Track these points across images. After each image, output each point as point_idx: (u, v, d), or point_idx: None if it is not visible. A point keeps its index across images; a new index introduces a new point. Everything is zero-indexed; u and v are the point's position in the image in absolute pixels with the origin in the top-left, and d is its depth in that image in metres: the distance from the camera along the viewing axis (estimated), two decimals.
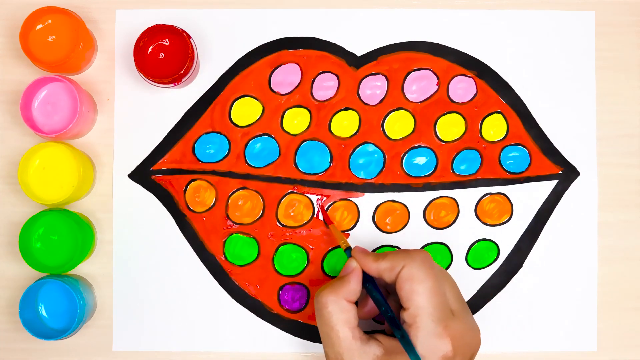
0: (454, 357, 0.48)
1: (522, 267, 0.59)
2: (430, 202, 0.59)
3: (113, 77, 0.60)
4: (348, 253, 0.54)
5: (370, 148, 0.59)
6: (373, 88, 0.60)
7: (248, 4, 0.60)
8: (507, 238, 0.60)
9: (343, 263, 0.59)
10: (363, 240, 0.59)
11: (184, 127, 0.59)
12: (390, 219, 0.59)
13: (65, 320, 0.57)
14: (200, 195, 0.59)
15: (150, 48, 0.57)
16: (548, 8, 0.60)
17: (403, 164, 0.59)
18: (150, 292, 0.59)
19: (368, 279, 0.52)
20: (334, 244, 0.59)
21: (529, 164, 0.59)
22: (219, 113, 0.59)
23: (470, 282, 0.59)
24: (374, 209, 0.59)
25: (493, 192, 0.59)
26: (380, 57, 0.60)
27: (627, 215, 0.60)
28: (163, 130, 0.59)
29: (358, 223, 0.59)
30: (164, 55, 0.57)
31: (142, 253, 0.59)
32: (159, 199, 0.59)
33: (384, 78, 0.60)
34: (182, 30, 0.56)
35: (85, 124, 0.58)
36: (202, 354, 0.59)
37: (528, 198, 0.59)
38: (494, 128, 0.60)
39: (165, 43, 0.57)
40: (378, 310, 0.53)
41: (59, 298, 0.57)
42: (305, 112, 0.59)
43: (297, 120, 0.59)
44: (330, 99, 0.59)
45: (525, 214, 0.59)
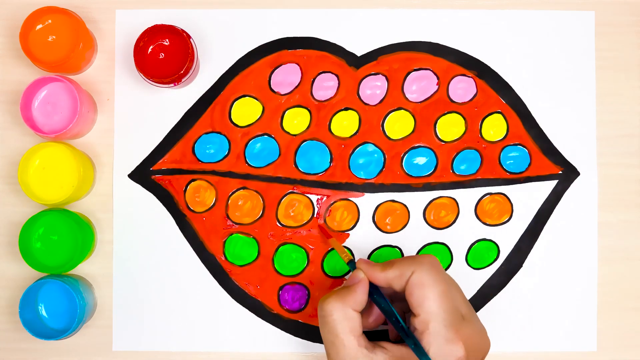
0: None
1: (522, 267, 0.59)
2: (430, 202, 0.59)
3: (113, 77, 0.60)
4: (351, 266, 0.53)
5: (370, 148, 0.59)
6: (373, 88, 0.60)
7: (248, 4, 0.60)
8: (507, 238, 0.60)
9: (343, 263, 0.59)
10: (363, 241, 0.59)
11: (184, 127, 0.59)
12: (390, 219, 0.59)
13: (65, 320, 0.57)
14: (200, 195, 0.59)
15: (150, 48, 0.57)
16: (548, 8, 0.60)
17: (403, 164, 0.59)
18: (150, 292, 0.59)
19: (373, 290, 0.51)
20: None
21: (529, 164, 0.59)
22: (219, 113, 0.59)
23: (470, 282, 0.59)
24: (374, 209, 0.59)
25: (493, 192, 0.59)
26: (380, 57, 0.60)
27: (627, 215, 0.60)
28: (163, 130, 0.59)
29: (358, 223, 0.59)
30: (164, 55, 0.57)
31: (142, 253, 0.59)
32: (159, 199, 0.59)
33: (384, 78, 0.60)
34: (182, 30, 0.56)
35: (85, 124, 0.58)
36: (202, 354, 0.59)
37: (528, 198, 0.59)
38: (494, 128, 0.60)
39: (165, 43, 0.57)
40: (382, 320, 0.52)
41: (59, 298, 0.57)
42: (305, 112, 0.59)
43: (297, 120, 0.59)
44: (330, 99, 0.59)
45: (525, 214, 0.59)
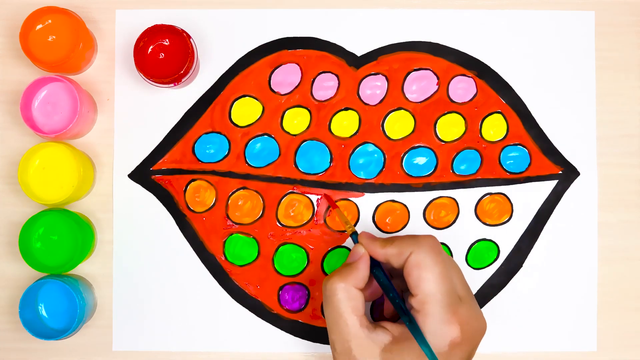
0: (462, 342, 0.48)
1: (522, 267, 0.59)
2: (430, 202, 0.59)
3: (113, 77, 0.60)
4: (354, 238, 0.53)
5: (370, 148, 0.59)
6: (373, 88, 0.60)
7: (248, 4, 0.60)
8: (507, 238, 0.60)
9: (343, 263, 0.59)
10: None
11: (184, 127, 0.59)
12: (390, 219, 0.59)
13: (65, 320, 0.57)
14: (200, 195, 0.59)
15: (150, 48, 0.57)
16: (548, 8, 0.60)
17: (403, 164, 0.59)
18: (150, 292, 0.59)
19: (375, 264, 0.51)
20: (334, 244, 0.59)
21: (529, 164, 0.59)
22: (219, 113, 0.59)
23: (470, 282, 0.59)
24: (374, 209, 0.59)
25: (493, 192, 0.59)
26: (380, 57, 0.60)
27: (627, 215, 0.60)
28: (163, 130, 0.59)
29: (358, 223, 0.59)
30: (164, 55, 0.57)
31: (142, 253, 0.59)
32: (159, 199, 0.59)
33: (384, 78, 0.60)
34: (182, 30, 0.56)
35: (85, 124, 0.58)
36: (202, 354, 0.59)
37: (528, 198, 0.59)
38: (494, 128, 0.60)
39: (165, 43, 0.57)
40: (379, 294, 0.53)
41: (59, 298, 0.57)
42: (305, 112, 0.59)
43: (297, 120, 0.59)
44: (330, 99, 0.59)
45: (525, 214, 0.59)
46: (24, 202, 0.59)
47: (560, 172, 0.60)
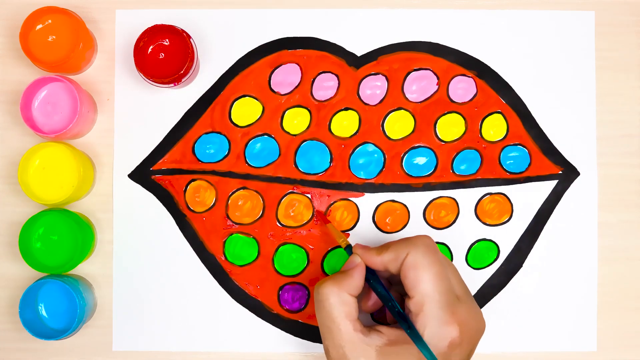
0: (461, 342, 0.48)
1: (522, 267, 0.59)
2: (430, 202, 0.59)
3: (113, 77, 0.60)
4: (349, 251, 0.53)
5: (370, 148, 0.59)
6: (373, 88, 0.60)
7: (248, 4, 0.60)
8: (507, 238, 0.60)
9: (343, 263, 0.59)
10: (363, 241, 0.59)
11: (184, 127, 0.59)
12: (390, 219, 0.59)
13: (65, 320, 0.57)
14: (200, 195, 0.59)
15: (150, 48, 0.57)
16: (548, 8, 0.60)
17: (403, 164, 0.59)
18: (150, 292, 0.59)
19: (370, 275, 0.51)
20: (334, 244, 0.59)
21: (529, 164, 0.59)
22: (219, 113, 0.59)
23: (470, 282, 0.59)
24: (374, 209, 0.59)
25: (493, 192, 0.59)
26: (380, 57, 0.60)
27: (627, 215, 0.60)
28: (163, 130, 0.59)
29: (358, 223, 0.59)
30: (164, 55, 0.57)
31: (142, 253, 0.59)
32: (159, 199, 0.59)
33: (384, 78, 0.60)
34: (182, 30, 0.56)
35: (85, 124, 0.58)
36: (202, 354, 0.59)
37: (528, 198, 0.59)
38: (494, 128, 0.60)
39: (165, 43, 0.57)
40: (380, 305, 0.53)
41: (59, 298, 0.57)
42: (305, 112, 0.59)
43: (297, 120, 0.59)
44: (330, 99, 0.59)
45: (525, 214, 0.59)
46: (24, 202, 0.59)
47: (560, 172, 0.60)
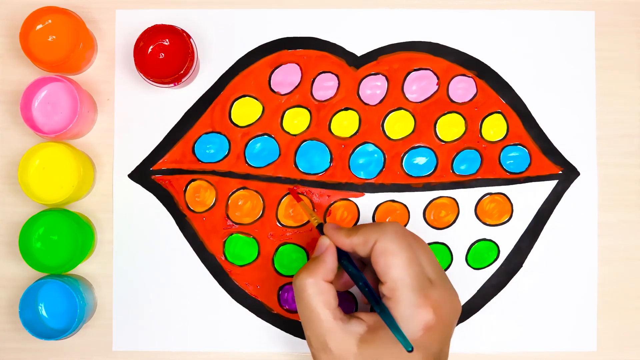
0: (437, 324, 0.47)
1: (522, 267, 0.59)
2: (430, 202, 0.59)
3: (113, 77, 0.60)
4: (320, 230, 0.53)
5: (370, 148, 0.59)
6: (373, 88, 0.60)
7: (248, 4, 0.60)
8: (507, 238, 0.60)
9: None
10: None
11: (184, 127, 0.59)
12: (390, 219, 0.59)
13: (65, 320, 0.57)
14: (200, 195, 0.59)
15: (150, 48, 0.57)
16: (548, 8, 0.60)
17: (403, 164, 0.59)
18: (150, 292, 0.59)
19: (343, 254, 0.51)
20: None
21: (529, 164, 0.59)
22: (219, 113, 0.59)
23: (470, 282, 0.59)
24: (374, 209, 0.59)
25: (493, 192, 0.59)
26: (380, 57, 0.60)
27: (627, 215, 0.60)
28: (163, 130, 0.59)
29: (358, 223, 0.59)
30: (164, 55, 0.57)
31: (142, 253, 0.59)
32: (159, 199, 0.59)
33: (384, 78, 0.60)
34: (182, 30, 0.56)
35: (85, 124, 0.58)
36: (202, 354, 0.59)
37: (528, 198, 0.59)
38: (494, 128, 0.60)
39: (165, 43, 0.57)
40: (350, 284, 0.53)
41: (59, 298, 0.57)
42: (305, 112, 0.59)
43: (297, 120, 0.59)
44: (330, 99, 0.59)
45: (525, 214, 0.59)
46: (24, 202, 0.59)
47: (560, 172, 0.60)
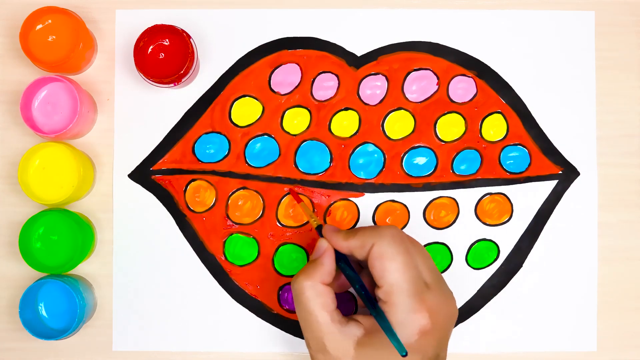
0: (432, 329, 0.48)
1: (522, 267, 0.59)
2: (430, 202, 0.59)
3: (113, 77, 0.60)
4: (319, 232, 0.53)
5: (370, 148, 0.59)
6: (373, 88, 0.60)
7: (248, 4, 0.60)
8: (507, 238, 0.60)
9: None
10: None
11: (184, 127, 0.59)
12: (390, 219, 0.59)
13: (65, 320, 0.57)
14: (200, 195, 0.59)
15: (150, 48, 0.57)
16: (548, 8, 0.60)
17: (403, 164, 0.59)
18: (150, 292, 0.59)
19: (341, 257, 0.51)
20: None
21: (529, 164, 0.59)
22: (219, 113, 0.59)
23: (470, 282, 0.59)
24: (374, 209, 0.59)
25: (493, 192, 0.59)
26: (380, 57, 0.60)
27: (627, 215, 0.60)
28: (163, 130, 0.59)
29: (358, 223, 0.59)
30: (164, 55, 0.57)
31: (142, 253, 0.59)
32: (159, 199, 0.59)
33: (384, 78, 0.60)
34: (182, 30, 0.56)
35: (85, 124, 0.58)
36: (202, 354, 0.59)
37: (528, 198, 0.59)
38: (494, 128, 0.60)
39: (165, 43, 0.57)
40: (346, 286, 0.53)
41: (59, 298, 0.57)
42: (305, 112, 0.59)
43: (297, 120, 0.59)
44: (330, 99, 0.59)
45: (525, 214, 0.59)
46: (24, 202, 0.59)
47: (560, 172, 0.60)
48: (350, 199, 0.59)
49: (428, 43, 0.60)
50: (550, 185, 0.60)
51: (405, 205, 0.59)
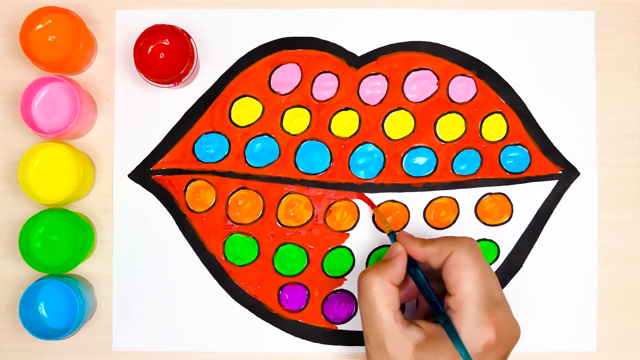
0: (496, 345, 0.48)
1: (522, 267, 0.59)
2: (430, 202, 0.59)
3: (113, 77, 0.60)
4: (392, 238, 0.54)
5: (370, 148, 0.59)
6: (373, 88, 0.60)
7: (248, 4, 0.60)
8: (507, 238, 0.60)
9: (343, 263, 0.59)
10: (363, 240, 0.59)
11: (184, 127, 0.59)
12: (390, 219, 0.59)
13: (65, 320, 0.57)
14: (200, 195, 0.59)
15: (150, 48, 0.57)
16: (548, 8, 0.60)
17: (403, 164, 0.59)
18: (150, 292, 0.59)
19: (412, 264, 0.51)
20: (334, 244, 0.59)
21: (529, 164, 0.59)
22: (219, 113, 0.59)
23: None
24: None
25: (493, 192, 0.59)
26: (380, 57, 0.60)
27: (627, 215, 0.60)
28: (163, 130, 0.59)
29: (358, 223, 0.59)
30: (164, 55, 0.57)
31: (142, 253, 0.59)
32: (159, 199, 0.59)
33: (384, 78, 0.60)
34: (182, 30, 0.56)
35: (85, 124, 0.58)
36: (202, 354, 0.59)
37: (528, 198, 0.59)
38: (494, 128, 0.60)
39: (165, 43, 0.57)
40: (414, 296, 0.53)
41: (59, 298, 0.57)
42: (305, 112, 0.59)
43: (297, 120, 0.59)
44: (330, 99, 0.59)
45: (525, 214, 0.59)
46: (24, 202, 0.59)
47: (560, 172, 0.60)
48: (350, 199, 0.59)
49: (428, 43, 0.60)
50: (550, 185, 0.60)
51: (405, 205, 0.59)
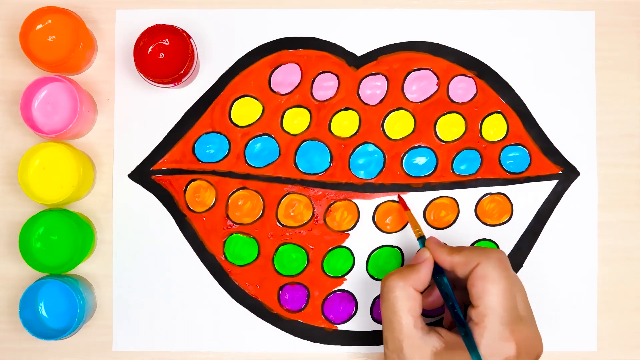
0: None
1: (522, 267, 0.59)
2: (430, 202, 0.59)
3: (113, 77, 0.60)
4: (421, 242, 0.54)
5: (370, 148, 0.59)
6: (373, 88, 0.60)
7: (248, 4, 0.60)
8: (507, 238, 0.60)
9: (343, 263, 0.59)
10: (363, 241, 0.59)
11: (184, 127, 0.59)
12: (390, 219, 0.59)
13: (65, 320, 0.57)
14: (200, 195, 0.59)
15: (150, 48, 0.57)
16: (548, 8, 0.60)
17: (403, 164, 0.59)
18: (150, 292, 0.59)
19: (438, 271, 0.51)
20: (334, 244, 0.59)
21: (529, 164, 0.59)
22: (219, 113, 0.59)
23: None
24: (374, 209, 0.59)
25: (493, 192, 0.59)
26: (380, 57, 0.60)
27: (627, 215, 0.60)
28: (163, 130, 0.59)
29: (358, 223, 0.59)
30: (164, 55, 0.57)
31: (142, 253, 0.59)
32: (159, 199, 0.59)
33: (384, 78, 0.60)
34: (182, 30, 0.56)
35: (85, 124, 0.58)
36: (201, 354, 0.59)
37: (528, 198, 0.59)
38: (494, 128, 0.60)
39: (165, 43, 0.57)
40: (440, 303, 0.53)
41: (59, 298, 0.57)
42: (305, 112, 0.59)
43: (297, 120, 0.59)
44: (330, 99, 0.59)
45: (525, 214, 0.59)
46: (24, 202, 0.59)
47: (560, 172, 0.60)
48: (351, 199, 0.59)
49: (428, 43, 0.60)
50: (550, 185, 0.60)
51: None
